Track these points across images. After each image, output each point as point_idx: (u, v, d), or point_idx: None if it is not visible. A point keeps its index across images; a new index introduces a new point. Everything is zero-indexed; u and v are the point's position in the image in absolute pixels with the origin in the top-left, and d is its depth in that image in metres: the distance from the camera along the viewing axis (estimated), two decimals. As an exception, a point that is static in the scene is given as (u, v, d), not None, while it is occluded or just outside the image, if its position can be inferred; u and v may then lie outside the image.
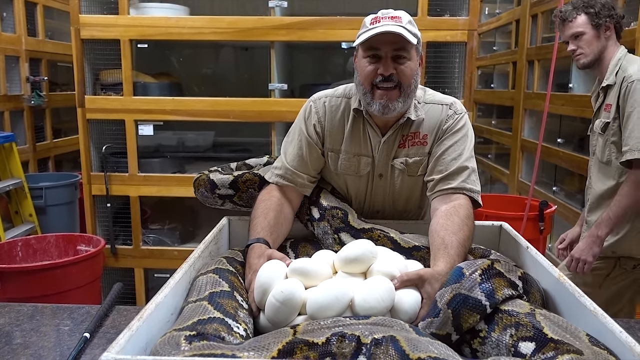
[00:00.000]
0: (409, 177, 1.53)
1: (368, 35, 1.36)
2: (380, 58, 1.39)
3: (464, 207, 1.38)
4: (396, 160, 1.51)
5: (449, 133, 1.48)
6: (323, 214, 1.50)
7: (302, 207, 1.57)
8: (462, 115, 1.50)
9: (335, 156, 1.55)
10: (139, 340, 0.94)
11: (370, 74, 1.40)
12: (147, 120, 2.90)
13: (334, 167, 1.56)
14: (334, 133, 1.54)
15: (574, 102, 3.54)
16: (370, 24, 1.39)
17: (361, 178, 1.55)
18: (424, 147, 1.50)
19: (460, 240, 1.27)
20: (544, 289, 1.21)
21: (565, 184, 4.03)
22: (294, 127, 1.60)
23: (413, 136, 1.49)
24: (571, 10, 2.12)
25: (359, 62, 1.44)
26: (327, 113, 1.54)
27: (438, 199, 1.43)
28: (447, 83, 2.95)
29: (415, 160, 1.50)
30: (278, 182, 1.53)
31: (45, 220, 3.59)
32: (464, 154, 1.45)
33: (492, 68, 5.65)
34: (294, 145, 1.56)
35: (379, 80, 1.39)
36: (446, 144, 1.46)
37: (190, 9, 3.05)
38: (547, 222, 3.22)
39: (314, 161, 1.55)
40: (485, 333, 1.03)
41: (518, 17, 4.59)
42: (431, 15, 2.76)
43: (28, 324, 1.42)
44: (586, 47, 2.11)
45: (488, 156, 5.58)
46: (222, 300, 1.10)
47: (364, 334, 0.95)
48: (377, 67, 1.39)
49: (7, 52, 3.79)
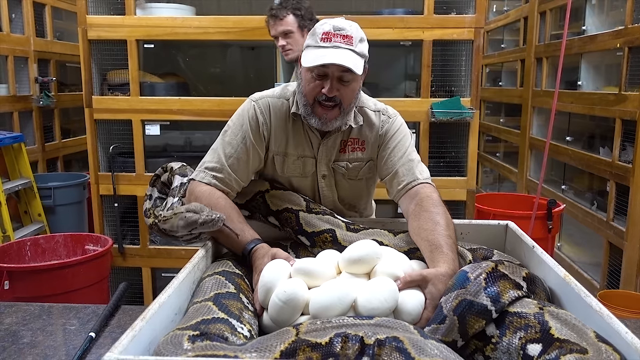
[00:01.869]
0: (349, 180, 1.59)
1: (315, 64, 1.35)
2: (325, 75, 1.39)
3: (428, 197, 1.40)
4: (337, 164, 1.56)
5: (389, 137, 1.55)
6: (314, 241, 1.45)
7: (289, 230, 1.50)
8: (395, 118, 1.58)
9: (282, 159, 1.54)
10: (142, 341, 0.94)
11: (313, 91, 1.42)
12: (154, 120, 2.91)
13: (280, 170, 1.56)
14: (278, 135, 1.53)
15: (583, 100, 3.51)
16: (321, 40, 1.37)
17: (307, 179, 1.57)
18: (362, 152, 1.56)
19: (443, 235, 1.27)
20: (549, 287, 1.20)
21: (574, 182, 4.00)
22: (235, 127, 1.52)
23: (352, 142, 1.55)
24: (281, 8, 2.37)
25: (303, 75, 1.43)
26: (272, 114, 1.53)
27: (401, 200, 1.49)
28: (454, 81, 2.94)
29: (355, 165, 1.57)
30: (216, 186, 1.47)
31: (53, 220, 3.61)
32: (407, 151, 1.53)
33: (500, 66, 5.61)
34: (235, 148, 1.49)
35: (322, 99, 1.41)
36: (390, 147, 1.54)
37: (197, 8, 3.06)
38: (555, 220, 3.20)
39: (254, 166, 1.53)
40: (497, 338, 1.02)
41: (526, 14, 4.55)
42: (437, 13, 2.75)
43: (35, 323, 1.43)
44: (294, 45, 2.36)
45: (496, 154, 5.55)
46: (227, 301, 1.11)
47: (367, 335, 0.95)
48: (322, 85, 1.40)
49: (16, 52, 3.82)
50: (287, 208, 1.49)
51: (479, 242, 1.52)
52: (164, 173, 1.71)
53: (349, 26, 1.39)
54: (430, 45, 2.75)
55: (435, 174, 1.57)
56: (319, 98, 1.41)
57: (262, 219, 1.55)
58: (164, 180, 1.70)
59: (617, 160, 3.07)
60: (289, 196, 1.52)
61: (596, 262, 3.48)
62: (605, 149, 3.38)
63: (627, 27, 2.99)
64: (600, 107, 3.26)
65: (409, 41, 2.84)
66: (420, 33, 2.75)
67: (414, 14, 2.81)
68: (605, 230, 3.19)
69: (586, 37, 3.53)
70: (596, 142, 3.67)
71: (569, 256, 3.79)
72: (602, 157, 3.31)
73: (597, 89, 3.58)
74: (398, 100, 2.89)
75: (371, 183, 1.68)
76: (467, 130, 2.82)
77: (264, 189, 1.55)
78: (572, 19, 3.48)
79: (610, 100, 3.13)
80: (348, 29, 1.38)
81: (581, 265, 3.64)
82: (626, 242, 2.94)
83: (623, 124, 3.01)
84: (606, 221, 3.17)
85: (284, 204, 1.50)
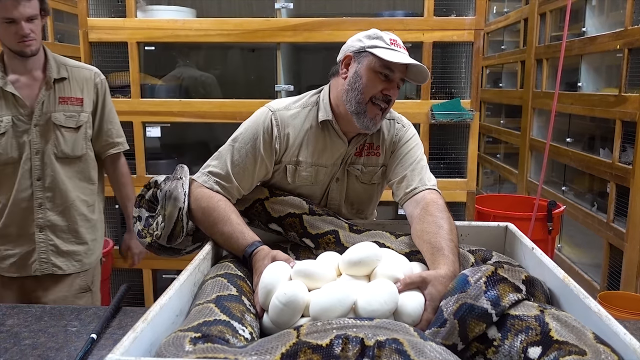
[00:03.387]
0: (362, 183, 1.60)
1: (396, 59, 1.38)
2: (388, 79, 1.43)
3: (433, 203, 1.41)
4: (353, 167, 1.58)
5: (401, 144, 1.57)
6: (318, 243, 1.46)
7: (293, 234, 1.51)
8: (409, 127, 1.62)
9: (294, 168, 1.53)
10: (143, 342, 0.94)
11: (375, 89, 1.44)
12: (155, 122, 2.92)
13: (291, 180, 1.54)
14: (294, 145, 1.52)
15: (583, 101, 3.52)
16: (390, 43, 1.43)
17: (316, 186, 1.57)
18: (377, 158, 1.58)
19: (445, 238, 1.28)
20: (549, 289, 1.21)
21: (574, 183, 4.00)
22: (246, 135, 1.50)
23: (369, 147, 1.58)
24: None
25: (367, 73, 1.44)
26: (291, 125, 1.51)
27: (407, 204, 1.49)
28: (453, 83, 2.94)
29: (369, 169, 1.59)
30: (217, 192, 1.46)
31: (55, 222, 3.61)
32: (418, 159, 1.55)
33: (500, 67, 5.62)
34: (243, 157, 1.48)
35: (380, 99, 1.44)
36: (402, 153, 1.56)
37: (197, 11, 3.07)
38: (555, 222, 3.20)
39: (259, 177, 1.52)
40: (499, 341, 1.03)
41: (526, 16, 4.57)
42: (437, 15, 2.76)
43: (36, 325, 1.44)
44: (37, 33, 1.95)
45: (497, 156, 5.55)
46: (229, 304, 1.11)
47: (367, 337, 0.95)
48: (384, 86, 1.44)
49: (17, 55, 3.82)
50: (290, 213, 1.49)
51: (478, 243, 1.53)
52: (148, 190, 1.65)
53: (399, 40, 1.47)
54: (430, 47, 2.76)
55: (436, 175, 1.57)
56: (375, 98, 1.44)
57: (263, 227, 1.55)
58: (149, 197, 1.65)
59: (617, 162, 3.08)
60: (291, 201, 1.52)
61: (596, 263, 3.49)
62: (605, 150, 3.38)
63: (627, 28, 3.00)
64: (601, 108, 3.27)
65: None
66: (420, 35, 2.76)
67: (414, 15, 2.82)
68: (605, 232, 3.19)
69: (586, 38, 3.54)
70: (596, 143, 3.68)
71: (569, 257, 3.80)
72: (602, 158, 3.32)
73: (597, 90, 3.58)
74: (398, 102, 2.88)
75: (380, 188, 1.69)
76: (468, 131, 2.83)
77: (263, 196, 1.54)
78: (572, 21, 3.49)
79: (610, 102, 3.14)
80: (401, 42, 1.47)
81: (581, 266, 3.64)
82: (626, 243, 2.94)
83: (623, 125, 3.02)
84: (606, 222, 3.17)
85: (286, 210, 1.50)
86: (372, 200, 1.69)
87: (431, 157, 2.87)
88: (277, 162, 1.53)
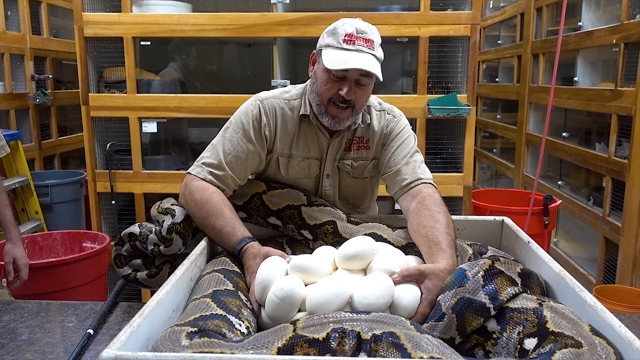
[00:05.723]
0: (354, 178, 1.59)
1: (341, 67, 1.35)
2: (344, 77, 1.39)
3: (430, 197, 1.41)
4: (342, 162, 1.57)
5: (393, 136, 1.55)
6: (316, 234, 1.47)
7: (292, 227, 1.51)
8: (400, 117, 1.59)
9: (286, 160, 1.54)
10: (140, 337, 0.94)
11: (329, 91, 1.42)
12: (151, 117, 2.91)
13: (285, 172, 1.55)
14: (284, 136, 1.52)
15: (579, 96, 3.52)
16: (343, 42, 1.37)
17: (311, 180, 1.57)
18: (367, 151, 1.57)
19: (442, 232, 1.28)
20: (544, 281, 1.21)
21: (570, 178, 4.01)
22: (237, 124, 1.50)
23: (358, 141, 1.56)
24: None
25: (320, 74, 1.42)
26: (278, 116, 1.52)
27: (402, 198, 1.49)
28: (450, 78, 2.94)
29: (360, 163, 1.58)
30: (212, 182, 1.46)
31: (51, 218, 3.61)
32: (411, 151, 1.53)
33: (496, 62, 5.61)
34: (235, 145, 1.48)
35: (337, 100, 1.42)
36: (394, 146, 1.54)
37: (193, 6, 3.05)
38: (551, 216, 3.21)
39: (252, 166, 1.52)
40: (498, 334, 1.04)
41: (523, 10, 4.56)
42: (434, 10, 2.75)
43: (33, 320, 1.44)
44: None
45: (493, 150, 5.56)
46: (226, 298, 1.11)
47: (364, 330, 0.95)
48: (339, 87, 1.40)
49: (12, 50, 3.81)
50: (289, 205, 1.50)
51: (475, 238, 1.53)
52: (122, 247, 1.52)
53: (370, 30, 1.40)
54: (426, 42, 2.75)
55: (432, 170, 1.57)
56: (334, 99, 1.42)
57: (261, 221, 1.55)
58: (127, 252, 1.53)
59: (613, 156, 3.08)
60: (289, 193, 1.53)
61: (592, 257, 3.50)
62: (601, 145, 3.39)
63: (623, 23, 3.00)
64: (597, 102, 3.27)
65: (405, 38, 2.83)
66: (417, 29, 2.75)
67: (411, 10, 2.81)
68: (601, 226, 3.20)
69: (582, 33, 3.54)
70: (592, 137, 3.68)
71: (565, 251, 3.81)
72: (599, 152, 3.32)
73: (593, 84, 3.59)
74: (395, 96, 2.89)
75: (375, 182, 1.68)
76: (464, 126, 2.83)
77: (260, 190, 1.54)
78: (569, 15, 3.49)
79: (607, 96, 3.14)
80: (369, 33, 1.39)
81: (577, 260, 3.66)
82: (622, 237, 2.95)
83: (619, 120, 3.03)
84: (602, 217, 3.18)
85: (284, 202, 1.50)
86: (367, 195, 1.68)
87: (428, 151, 2.87)
88: (269, 152, 1.53)
